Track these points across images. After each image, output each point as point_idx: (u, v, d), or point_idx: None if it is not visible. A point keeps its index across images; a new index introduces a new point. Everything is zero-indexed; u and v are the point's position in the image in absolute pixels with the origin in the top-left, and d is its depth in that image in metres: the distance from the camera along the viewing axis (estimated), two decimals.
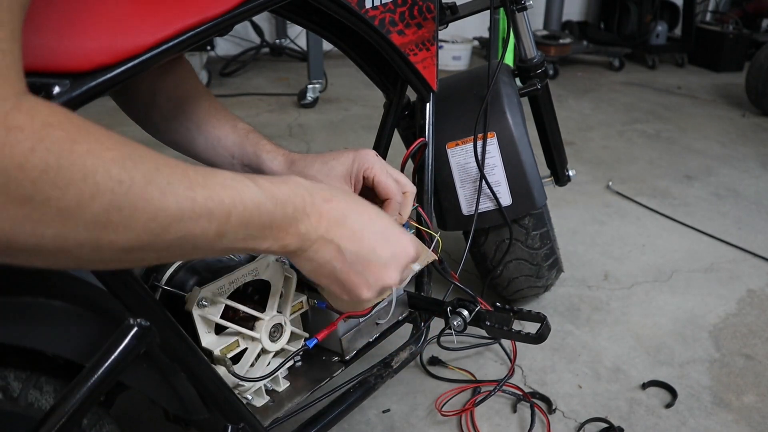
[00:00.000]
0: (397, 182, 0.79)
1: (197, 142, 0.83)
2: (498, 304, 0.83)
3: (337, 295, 0.61)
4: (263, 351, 0.78)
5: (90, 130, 0.38)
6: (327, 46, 3.44)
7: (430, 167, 1.04)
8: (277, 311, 0.78)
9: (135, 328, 0.59)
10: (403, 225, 0.84)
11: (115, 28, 0.53)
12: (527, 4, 1.23)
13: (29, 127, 0.34)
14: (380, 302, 0.86)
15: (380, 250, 0.59)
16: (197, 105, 0.82)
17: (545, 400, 1.21)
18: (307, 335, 0.83)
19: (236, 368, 0.75)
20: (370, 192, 0.80)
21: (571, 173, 1.53)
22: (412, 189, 0.81)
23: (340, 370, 0.88)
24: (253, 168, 0.82)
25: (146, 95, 0.82)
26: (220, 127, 0.82)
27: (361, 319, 0.88)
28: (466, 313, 0.81)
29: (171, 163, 0.43)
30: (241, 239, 0.48)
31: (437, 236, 0.92)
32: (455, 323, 0.82)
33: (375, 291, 0.61)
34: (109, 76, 0.53)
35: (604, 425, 1.16)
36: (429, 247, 0.90)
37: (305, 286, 0.83)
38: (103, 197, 0.37)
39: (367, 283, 0.59)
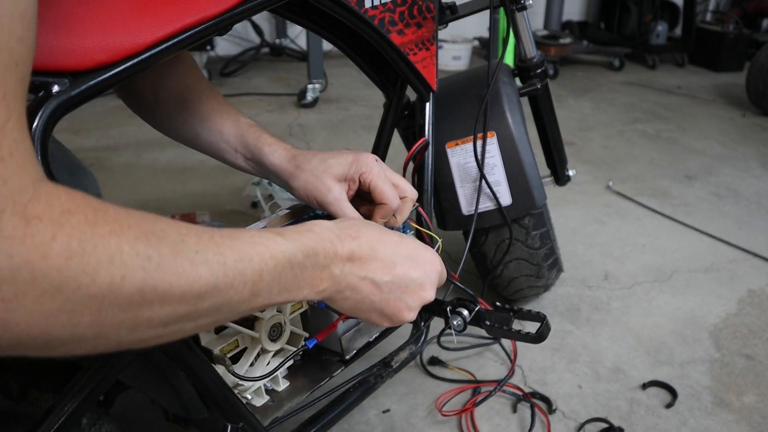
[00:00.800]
0: (396, 187, 0.79)
1: (201, 136, 0.83)
2: (498, 303, 0.83)
3: (379, 323, 0.63)
4: (263, 350, 0.78)
5: (108, 212, 0.38)
6: (327, 46, 3.44)
7: (429, 167, 1.04)
8: (277, 310, 0.78)
9: None
10: (403, 226, 0.84)
11: (114, 26, 0.53)
12: (527, 3, 1.23)
13: (48, 215, 0.34)
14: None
15: (413, 272, 0.61)
16: (200, 100, 0.82)
17: (545, 400, 1.21)
18: (306, 334, 0.83)
19: (236, 368, 0.75)
20: (367, 195, 0.79)
21: (571, 173, 1.53)
22: (412, 194, 0.81)
23: (339, 370, 0.88)
24: (255, 161, 0.82)
25: (150, 91, 0.82)
26: (223, 122, 0.82)
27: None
28: (466, 312, 0.81)
29: (196, 231, 0.43)
30: (276, 294, 0.49)
31: (440, 241, 0.92)
32: (455, 323, 0.81)
33: (416, 311, 0.64)
34: (108, 74, 0.53)
35: (604, 425, 1.16)
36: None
37: None
38: (134, 276, 0.37)
39: (408, 306, 0.62)
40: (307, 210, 0.87)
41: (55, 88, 0.50)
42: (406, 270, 0.61)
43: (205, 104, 0.82)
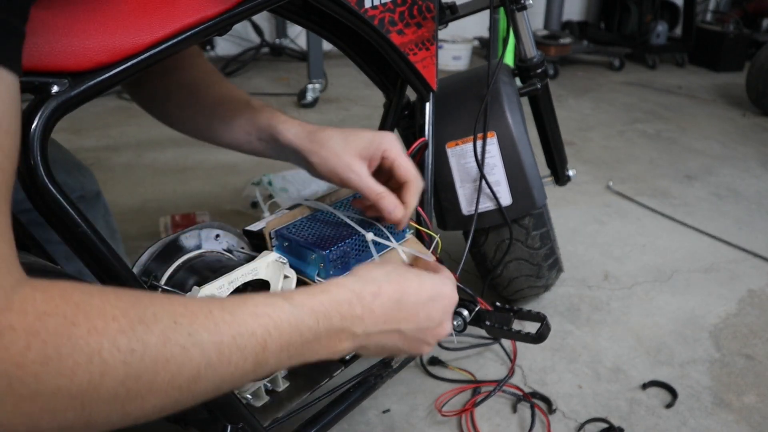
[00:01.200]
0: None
1: (213, 126, 0.82)
2: (498, 304, 0.83)
3: (395, 357, 0.63)
4: None
5: (92, 304, 0.37)
6: (327, 46, 3.44)
7: (429, 167, 1.04)
8: None
9: None
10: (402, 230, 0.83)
11: (114, 27, 0.53)
12: (527, 3, 1.23)
13: (22, 324, 0.34)
14: None
15: (434, 313, 0.62)
16: (209, 89, 0.82)
17: (545, 400, 1.21)
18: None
19: None
20: (384, 175, 0.77)
21: (571, 173, 1.53)
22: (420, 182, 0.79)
23: (339, 370, 0.88)
24: (271, 142, 0.80)
25: (160, 86, 0.82)
26: (233, 109, 0.80)
27: None
28: (466, 312, 0.81)
29: (192, 308, 0.42)
30: (285, 360, 0.48)
31: (437, 237, 0.92)
32: (455, 323, 0.81)
33: (434, 344, 0.65)
34: (107, 75, 0.53)
35: (604, 425, 1.16)
36: (429, 248, 0.90)
37: (306, 285, 0.83)
38: (115, 372, 0.37)
39: (428, 343, 0.63)
40: (308, 209, 0.87)
41: (55, 89, 0.49)
42: (429, 312, 0.61)
43: (215, 93, 0.81)
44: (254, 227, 0.85)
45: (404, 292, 0.58)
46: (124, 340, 0.37)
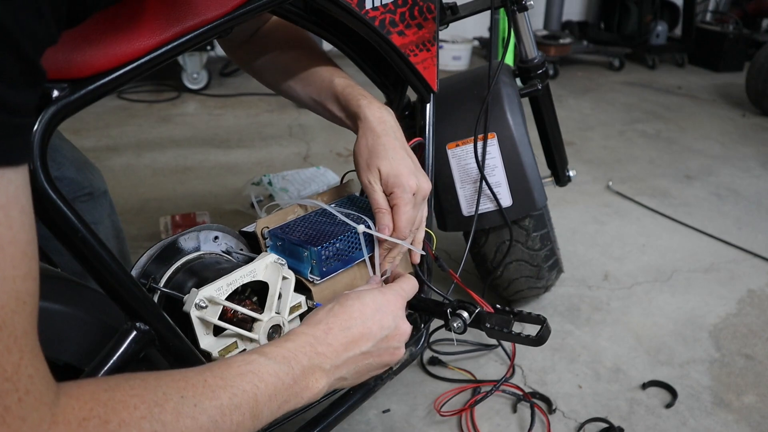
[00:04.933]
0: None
1: (302, 97, 0.94)
2: (498, 306, 0.83)
3: (381, 373, 0.70)
4: None
5: (116, 399, 0.42)
6: (327, 46, 3.43)
7: (430, 168, 1.04)
8: (276, 312, 0.78)
9: (134, 332, 0.59)
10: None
11: (113, 32, 0.53)
12: (528, 4, 1.22)
13: None
14: None
15: (385, 321, 0.66)
16: (301, 67, 0.92)
17: (545, 400, 1.21)
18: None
19: None
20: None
21: (571, 173, 1.53)
22: (418, 241, 0.86)
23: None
24: (351, 116, 0.88)
25: (257, 60, 0.96)
26: (318, 92, 0.91)
27: None
28: (466, 314, 0.81)
29: (191, 381, 0.48)
30: (277, 408, 0.54)
31: (432, 234, 0.92)
32: (455, 325, 0.81)
33: (404, 346, 0.70)
34: (107, 80, 0.53)
35: (604, 425, 1.16)
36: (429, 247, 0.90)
37: (304, 287, 0.83)
38: None
39: (397, 348, 0.68)
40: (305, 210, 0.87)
41: (55, 94, 0.49)
42: (380, 323, 0.66)
43: (306, 70, 0.92)
44: (249, 228, 0.86)
45: (349, 318, 0.64)
46: (147, 425, 0.43)
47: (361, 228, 0.81)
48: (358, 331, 0.63)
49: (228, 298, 0.72)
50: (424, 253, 0.87)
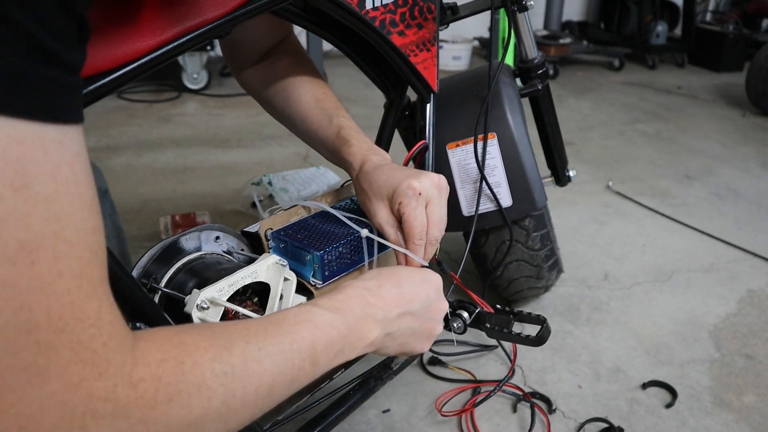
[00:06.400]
0: (429, 223, 0.79)
1: (300, 132, 0.95)
2: (498, 306, 0.83)
3: (421, 350, 0.70)
4: None
5: (188, 342, 0.44)
6: (327, 46, 3.44)
7: (430, 168, 1.04)
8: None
9: None
10: None
11: (113, 32, 0.53)
12: (528, 4, 1.22)
13: (149, 374, 0.40)
14: None
15: (431, 292, 0.69)
16: (300, 101, 0.92)
17: (545, 400, 1.21)
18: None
19: None
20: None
21: (571, 173, 1.53)
22: (433, 238, 0.80)
23: (339, 372, 0.88)
24: (336, 155, 0.89)
25: (262, 89, 0.97)
26: (318, 123, 0.91)
27: None
28: (466, 314, 0.81)
29: (253, 329, 0.50)
30: (333, 356, 0.55)
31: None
32: (455, 325, 0.82)
33: (442, 323, 0.72)
34: (108, 80, 0.53)
35: (604, 425, 1.16)
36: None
37: (305, 288, 0.83)
38: (217, 394, 0.44)
39: (437, 321, 0.71)
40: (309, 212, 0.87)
41: None
42: (427, 292, 0.68)
43: (304, 104, 0.92)
44: (251, 228, 0.85)
45: (400, 279, 0.66)
46: (218, 367, 0.44)
47: (364, 232, 0.80)
48: (408, 290, 0.66)
49: (229, 299, 0.72)
50: (425, 263, 0.82)
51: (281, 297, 0.79)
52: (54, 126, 0.35)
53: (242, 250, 0.85)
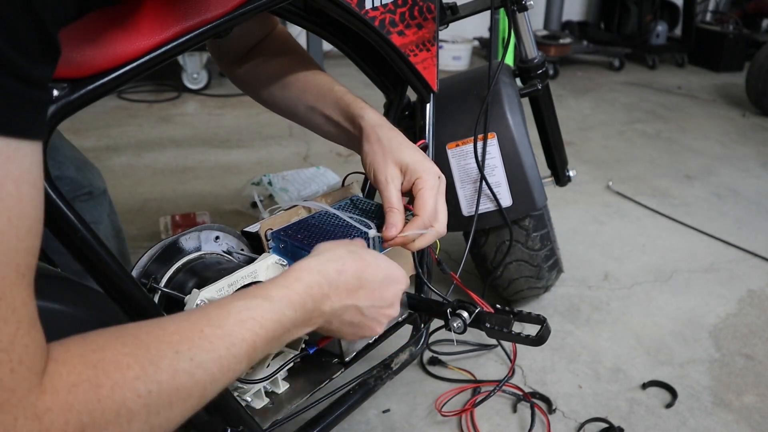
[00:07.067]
0: (436, 212, 0.79)
1: (298, 110, 0.92)
2: (498, 306, 0.83)
3: (349, 339, 0.68)
4: None
5: (107, 359, 0.40)
6: (327, 46, 3.44)
7: None
8: None
9: None
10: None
11: (113, 32, 0.53)
12: (528, 4, 1.22)
13: (57, 403, 0.37)
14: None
15: (387, 294, 0.66)
16: (297, 79, 0.91)
17: (545, 400, 1.21)
18: (306, 336, 0.83)
19: None
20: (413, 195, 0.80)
21: (571, 173, 1.53)
22: (440, 228, 0.80)
23: (339, 372, 0.88)
24: (348, 122, 0.88)
25: (252, 77, 0.95)
26: (315, 98, 0.89)
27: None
28: (465, 314, 0.81)
29: (186, 333, 0.45)
30: (269, 350, 0.53)
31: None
32: (455, 325, 0.81)
33: (385, 326, 0.69)
34: (107, 79, 0.53)
35: (604, 425, 1.16)
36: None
37: None
38: (139, 416, 0.40)
39: (380, 323, 0.67)
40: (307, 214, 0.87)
41: (55, 93, 0.49)
42: (383, 293, 0.65)
43: (302, 82, 0.90)
44: (251, 228, 0.85)
45: (364, 270, 0.63)
46: (142, 386, 0.41)
47: (372, 232, 0.80)
48: (365, 287, 0.63)
49: None
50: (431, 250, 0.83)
51: None
52: (4, 139, 0.34)
53: (242, 250, 0.85)
